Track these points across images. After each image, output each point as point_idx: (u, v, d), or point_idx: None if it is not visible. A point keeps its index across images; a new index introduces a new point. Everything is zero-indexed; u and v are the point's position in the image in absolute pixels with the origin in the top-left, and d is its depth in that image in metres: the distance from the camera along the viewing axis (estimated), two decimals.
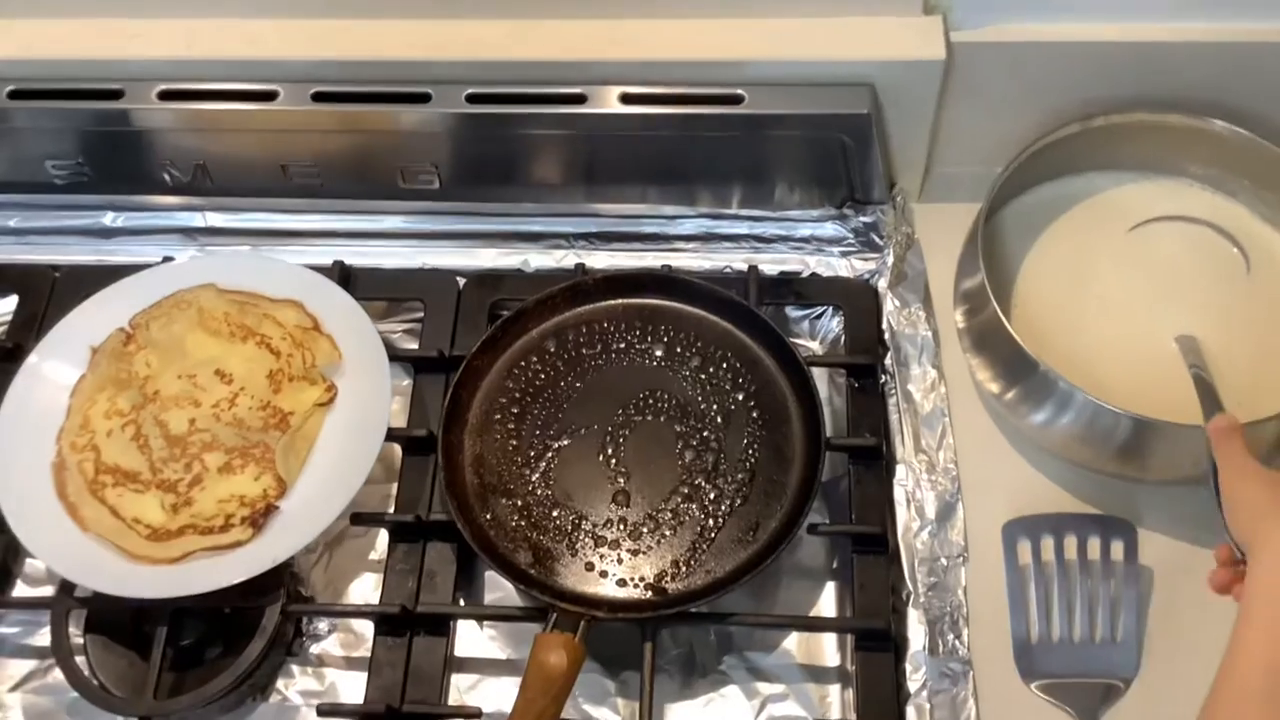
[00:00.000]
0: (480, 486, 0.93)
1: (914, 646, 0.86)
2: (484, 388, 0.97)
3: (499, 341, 0.98)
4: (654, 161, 1.00)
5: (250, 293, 1.01)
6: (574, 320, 1.00)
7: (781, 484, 0.92)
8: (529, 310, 0.99)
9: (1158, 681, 0.85)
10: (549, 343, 0.99)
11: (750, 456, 0.93)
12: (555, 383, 0.97)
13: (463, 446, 0.95)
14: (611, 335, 0.99)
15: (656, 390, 0.97)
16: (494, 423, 0.96)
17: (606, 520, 0.91)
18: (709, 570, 0.89)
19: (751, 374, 0.96)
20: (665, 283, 1.00)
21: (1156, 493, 0.91)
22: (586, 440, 0.95)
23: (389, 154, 1.02)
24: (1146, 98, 0.95)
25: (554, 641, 0.82)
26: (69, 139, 1.02)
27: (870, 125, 0.94)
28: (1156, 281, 0.95)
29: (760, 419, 0.94)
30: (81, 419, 0.96)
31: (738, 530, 0.90)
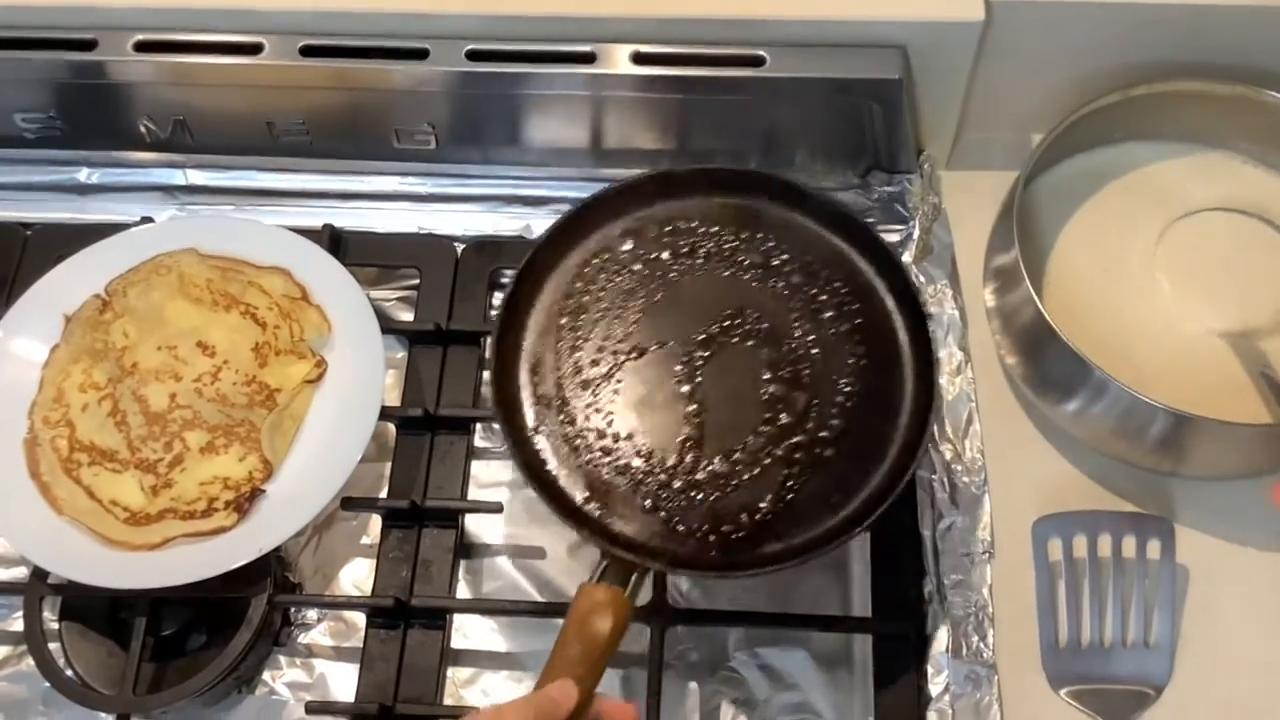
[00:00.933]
0: (534, 400, 0.84)
1: (936, 648, 0.82)
2: (549, 285, 0.87)
3: (570, 233, 0.88)
4: (666, 125, 0.95)
5: (234, 258, 0.95)
6: (659, 216, 0.89)
7: (880, 441, 0.81)
8: (607, 199, 0.88)
9: (1191, 689, 0.81)
10: (627, 240, 0.88)
11: (848, 402, 0.82)
12: (630, 286, 0.87)
13: (518, 350, 0.85)
14: (701, 238, 0.88)
15: (746, 309, 0.85)
16: (556, 327, 0.86)
17: (674, 455, 0.81)
18: (782, 534, 0.78)
19: (861, 305, 0.85)
20: (772, 184, 0.88)
21: (1196, 488, 0.86)
22: (659, 358, 0.84)
23: (383, 112, 0.96)
24: (1193, 64, 0.90)
25: (600, 599, 0.72)
26: (39, 91, 0.96)
27: (901, 91, 0.89)
28: (1201, 264, 0.89)
29: (866, 359, 0.84)
30: (55, 392, 0.91)
31: (823, 488, 0.80)
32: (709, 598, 0.89)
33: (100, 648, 0.87)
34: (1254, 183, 0.92)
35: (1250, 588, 0.84)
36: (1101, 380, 0.80)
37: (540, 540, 0.91)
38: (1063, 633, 0.82)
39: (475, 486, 0.93)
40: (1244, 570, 0.85)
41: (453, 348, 0.95)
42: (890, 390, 0.83)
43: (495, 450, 0.94)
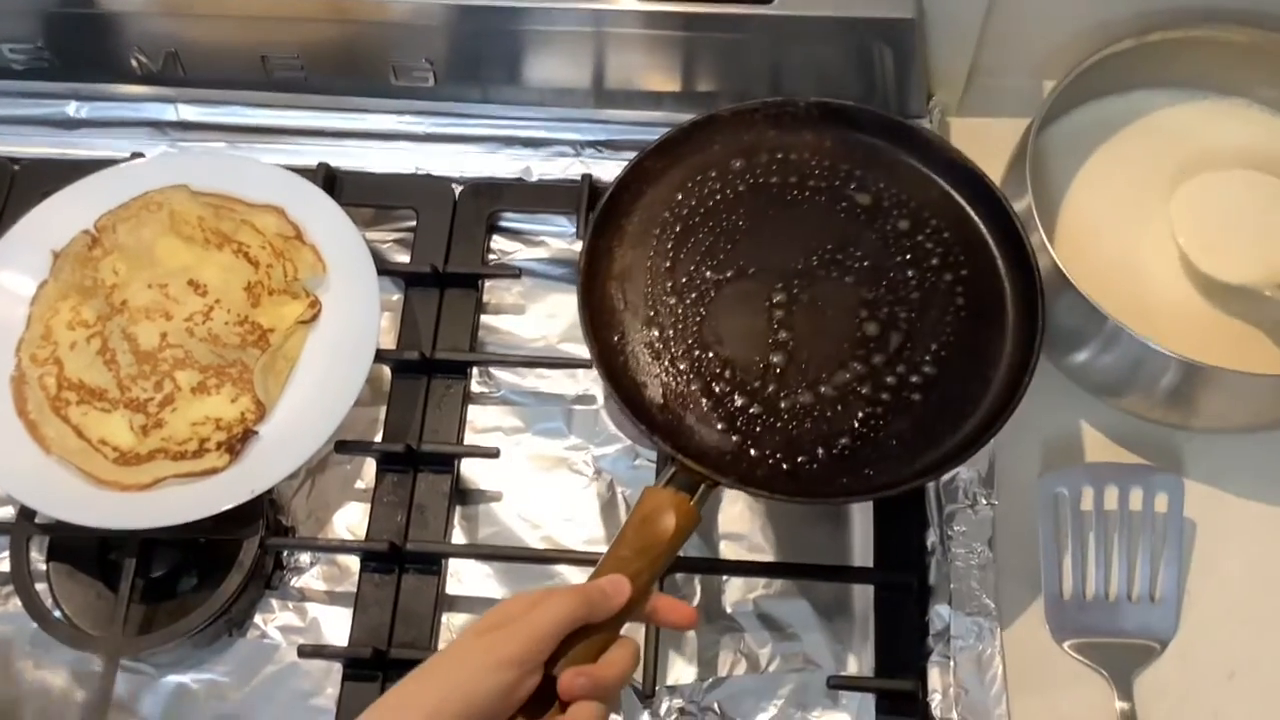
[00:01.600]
0: (622, 303, 0.81)
1: (938, 600, 0.81)
2: (650, 194, 0.84)
3: (680, 146, 0.85)
4: (670, 65, 0.92)
5: (227, 195, 0.94)
6: (771, 144, 0.86)
7: (971, 395, 0.78)
8: (721, 119, 0.86)
9: (1196, 643, 0.80)
10: (736, 161, 0.85)
11: (943, 350, 0.79)
12: (733, 208, 0.84)
13: (611, 255, 0.82)
14: (811, 170, 0.85)
15: (849, 246, 0.83)
16: (652, 236, 0.83)
17: (757, 379, 0.78)
18: (855, 471, 0.76)
19: (967, 256, 0.82)
20: (891, 127, 0.86)
21: (1205, 442, 0.85)
22: (754, 283, 0.82)
23: (380, 47, 0.93)
24: (1208, 10, 0.88)
25: (666, 499, 0.70)
26: (27, 20, 0.94)
27: (913, 32, 0.87)
28: (1215, 213, 0.87)
29: (965, 310, 0.81)
30: (43, 329, 0.89)
31: (904, 432, 0.77)
32: (709, 545, 0.87)
33: (89, 589, 0.85)
34: (1268, 130, 0.91)
35: (1257, 543, 0.83)
36: (1114, 329, 0.78)
37: (537, 486, 0.90)
38: (1067, 585, 0.81)
39: (471, 431, 0.91)
40: (1251, 526, 0.84)
41: (449, 290, 0.94)
42: (988, 346, 0.80)
43: (492, 395, 0.93)
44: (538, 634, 0.62)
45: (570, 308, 0.95)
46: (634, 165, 0.84)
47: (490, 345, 0.94)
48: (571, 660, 0.63)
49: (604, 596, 0.65)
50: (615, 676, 0.64)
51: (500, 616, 0.63)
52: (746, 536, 0.88)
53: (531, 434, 0.91)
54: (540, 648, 0.62)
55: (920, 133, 0.86)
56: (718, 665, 0.84)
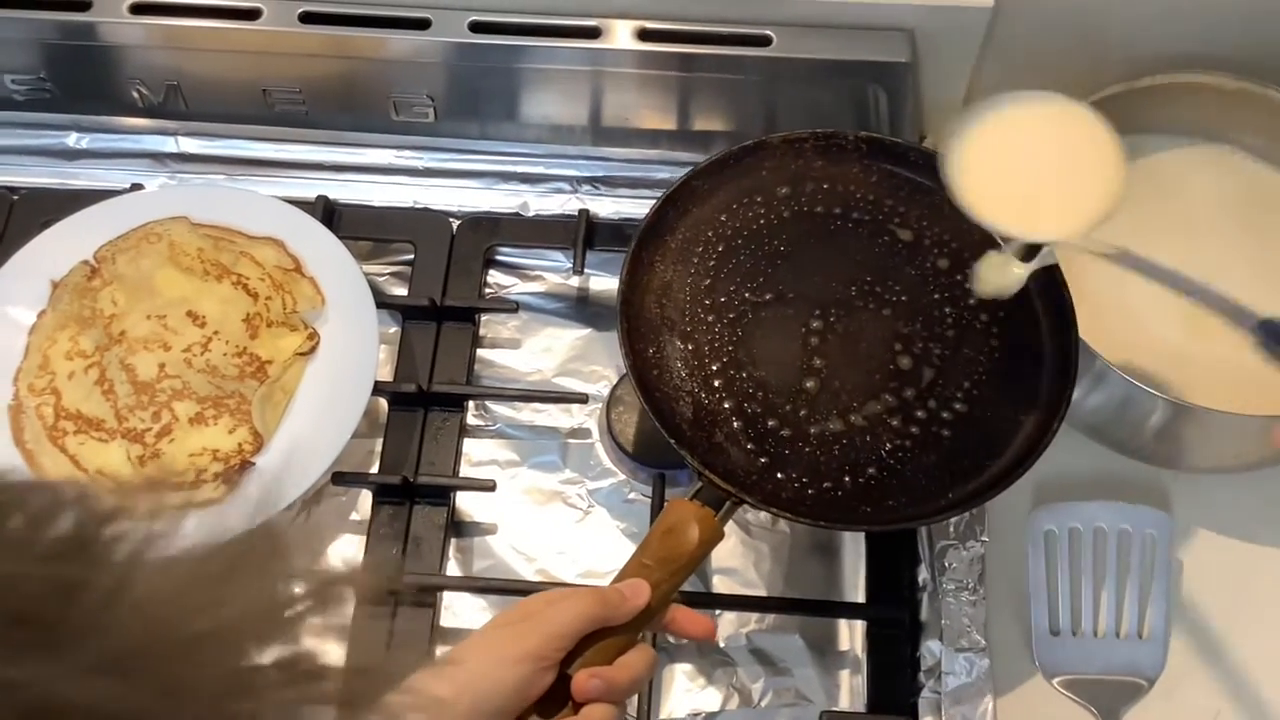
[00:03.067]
0: (659, 317, 0.82)
1: (929, 635, 0.82)
2: (695, 213, 0.85)
3: (727, 168, 0.86)
4: (668, 104, 0.94)
5: (226, 228, 0.94)
6: (818, 174, 0.87)
7: (1000, 435, 0.79)
8: (770, 146, 0.86)
9: (1183, 680, 0.81)
10: (782, 188, 0.86)
11: (975, 389, 0.80)
12: (776, 234, 0.85)
13: (653, 268, 0.83)
14: (856, 202, 0.86)
15: (887, 279, 0.83)
16: (694, 254, 0.84)
17: (789, 403, 0.79)
18: (879, 500, 0.77)
19: (1006, 301, 0.81)
20: (934, 162, 0.84)
21: (1193, 482, 0.86)
22: (791, 308, 0.83)
23: (381, 82, 0.94)
24: (1198, 57, 0.90)
25: (691, 512, 0.70)
26: (29, 52, 0.94)
27: (908, 75, 0.88)
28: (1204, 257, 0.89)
29: (999, 352, 0.81)
30: (41, 358, 0.89)
31: (932, 467, 0.78)
32: (703, 580, 0.88)
33: None
34: (1256, 177, 0.92)
35: (1244, 582, 0.84)
36: (1103, 369, 0.80)
37: (531, 520, 0.90)
38: (1057, 622, 0.82)
39: (467, 464, 0.91)
40: (1239, 564, 0.85)
41: (447, 324, 0.94)
42: (1021, 388, 0.80)
43: (488, 428, 0.93)
44: (555, 630, 0.62)
45: (566, 342, 0.96)
46: (681, 183, 0.85)
47: (486, 379, 0.95)
48: (587, 661, 0.64)
49: (622, 599, 0.66)
50: (629, 680, 0.65)
51: (520, 612, 0.64)
52: (740, 571, 0.88)
53: (527, 467, 0.92)
54: (557, 644, 0.62)
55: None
56: (711, 699, 0.84)
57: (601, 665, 0.64)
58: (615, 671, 0.64)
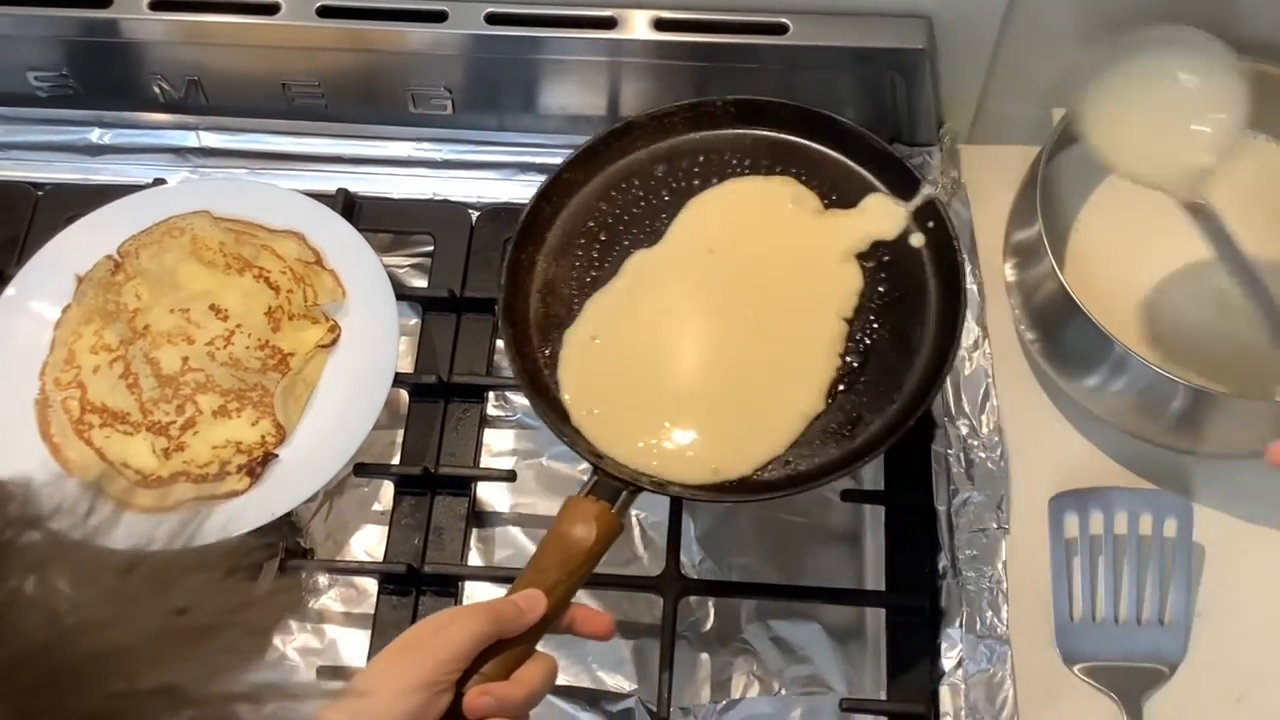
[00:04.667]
0: (544, 317, 0.82)
1: (950, 623, 0.82)
2: (572, 205, 0.85)
3: (600, 155, 0.86)
4: (685, 94, 0.92)
5: (248, 221, 0.95)
6: (691, 146, 0.86)
7: (897, 378, 0.79)
8: (640, 125, 0.86)
9: (1205, 667, 0.81)
10: (659, 167, 0.86)
11: (867, 337, 0.80)
12: (656, 214, 0.85)
13: (533, 268, 0.83)
14: (732, 169, 0.86)
15: (777, 243, 0.84)
16: (575, 247, 0.84)
17: (685, 385, 0.80)
18: (788, 461, 0.77)
19: (890, 242, 0.83)
20: (809, 118, 0.86)
21: (1214, 467, 0.86)
22: (680, 289, 0.83)
23: (399, 75, 0.95)
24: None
25: (584, 510, 0.71)
26: (52, 49, 0.95)
27: (925, 61, 0.88)
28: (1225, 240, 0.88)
29: (889, 296, 0.82)
30: (66, 353, 0.90)
31: (834, 421, 0.78)
32: (722, 569, 0.88)
33: None
34: (1276, 160, 0.91)
35: (1267, 567, 0.84)
36: (1122, 356, 0.79)
37: (552, 509, 0.89)
38: (1077, 609, 0.82)
39: (488, 454, 0.92)
40: (1260, 550, 0.84)
41: (466, 315, 0.95)
42: (911, 332, 0.81)
43: (508, 419, 0.94)
44: (447, 655, 0.62)
45: None
46: (554, 177, 0.84)
47: (506, 369, 0.95)
48: (482, 677, 0.64)
49: (517, 612, 0.65)
50: (524, 695, 0.64)
51: (412, 637, 0.64)
52: (759, 559, 0.89)
53: (546, 458, 0.92)
54: (450, 668, 0.62)
55: (839, 123, 0.86)
56: (731, 687, 0.85)
57: (498, 678, 0.64)
58: (508, 688, 0.64)
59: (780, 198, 0.86)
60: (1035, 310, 0.87)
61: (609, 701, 0.84)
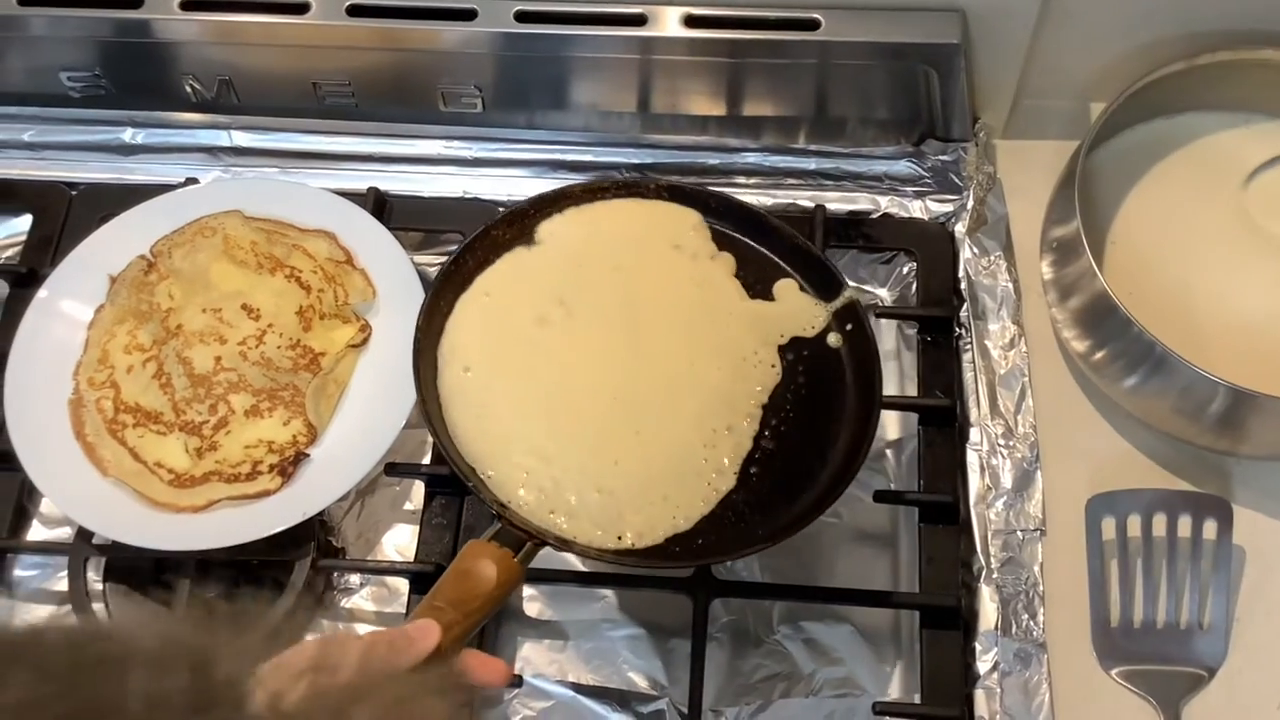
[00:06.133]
0: (457, 364, 0.81)
1: (985, 625, 0.81)
2: (497, 263, 0.85)
3: (528, 218, 0.86)
4: (717, 90, 0.93)
5: (279, 221, 0.95)
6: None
7: (808, 470, 0.79)
8: (572, 195, 0.87)
9: (1245, 672, 0.80)
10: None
11: (782, 426, 0.80)
12: (576, 270, 0.85)
13: (451, 311, 0.83)
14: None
15: (698, 323, 0.84)
16: (493, 301, 0.84)
17: (595, 446, 0.79)
18: (697, 536, 0.76)
19: (809, 340, 0.84)
20: (737, 212, 0.87)
21: (1254, 468, 0.85)
22: (596, 351, 0.82)
23: (429, 74, 0.94)
24: (1259, 33, 0.87)
25: (488, 553, 0.70)
26: (85, 50, 0.95)
27: (959, 56, 0.86)
28: (1266, 237, 0.87)
29: (807, 391, 0.82)
30: (100, 353, 0.90)
31: (740, 505, 0.78)
32: (753, 570, 0.88)
33: (144, 609, 0.87)
34: None
35: None
36: (1162, 355, 0.78)
37: None
38: (1115, 612, 0.81)
39: None
40: None
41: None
42: (827, 427, 0.81)
43: None
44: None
45: None
46: (480, 233, 0.85)
47: None
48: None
49: (409, 642, 0.63)
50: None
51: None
52: (791, 560, 0.88)
53: None
54: None
55: (766, 220, 0.87)
56: (763, 689, 0.84)
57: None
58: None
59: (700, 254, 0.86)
60: (1073, 309, 0.85)
61: (640, 703, 0.84)
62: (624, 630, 0.86)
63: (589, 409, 0.80)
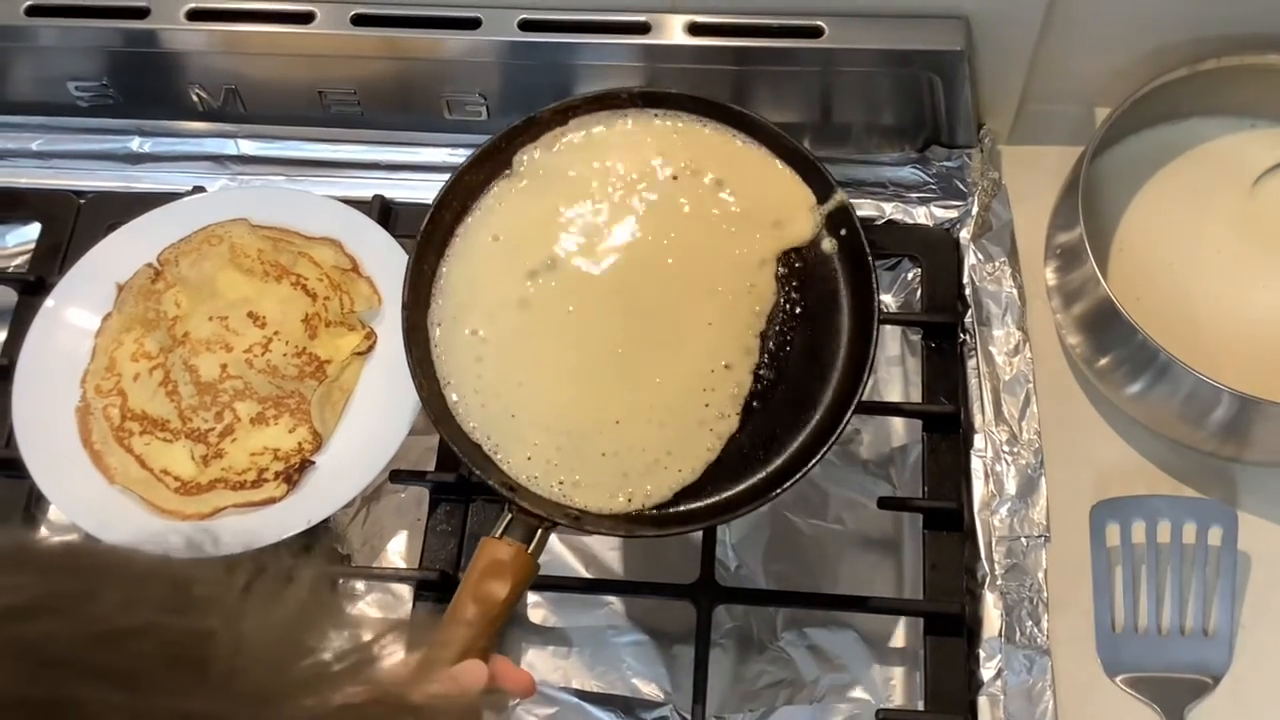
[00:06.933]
0: (453, 334, 0.79)
1: (988, 632, 0.81)
2: (475, 209, 0.81)
3: (500, 154, 0.81)
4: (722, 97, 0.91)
5: (285, 229, 0.95)
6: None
7: (811, 395, 0.77)
8: (543, 120, 0.82)
9: (1249, 678, 0.79)
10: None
11: (780, 352, 0.78)
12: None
13: (436, 279, 0.79)
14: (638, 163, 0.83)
15: (691, 243, 0.81)
16: (480, 254, 0.80)
17: (594, 413, 0.77)
18: (702, 492, 0.76)
19: (802, 249, 0.81)
20: (716, 110, 0.82)
21: (1259, 474, 0.84)
22: (591, 293, 0.79)
23: (434, 82, 0.94)
24: (1264, 38, 0.87)
25: (500, 558, 0.70)
26: (92, 59, 0.96)
27: (963, 63, 0.86)
28: (1272, 243, 0.87)
29: (802, 307, 0.79)
30: (107, 360, 0.91)
31: (748, 442, 0.76)
32: (756, 576, 0.88)
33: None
34: None
35: None
36: (1166, 362, 0.78)
37: None
38: (1119, 619, 0.81)
39: None
40: None
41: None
42: (824, 345, 0.78)
43: None
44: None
45: None
46: (453, 181, 0.80)
47: None
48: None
49: (461, 689, 0.63)
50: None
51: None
52: (794, 566, 0.88)
53: None
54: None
55: (742, 114, 0.83)
56: (766, 696, 0.84)
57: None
58: None
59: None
60: (1077, 315, 0.85)
61: (643, 709, 0.84)
62: (628, 637, 0.86)
63: (588, 369, 0.78)
